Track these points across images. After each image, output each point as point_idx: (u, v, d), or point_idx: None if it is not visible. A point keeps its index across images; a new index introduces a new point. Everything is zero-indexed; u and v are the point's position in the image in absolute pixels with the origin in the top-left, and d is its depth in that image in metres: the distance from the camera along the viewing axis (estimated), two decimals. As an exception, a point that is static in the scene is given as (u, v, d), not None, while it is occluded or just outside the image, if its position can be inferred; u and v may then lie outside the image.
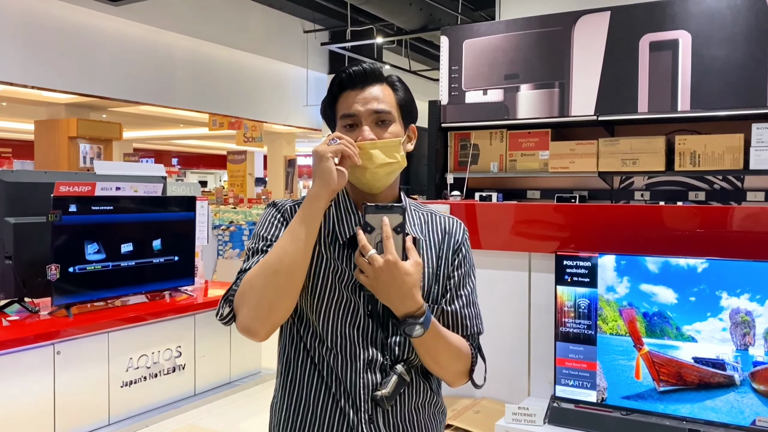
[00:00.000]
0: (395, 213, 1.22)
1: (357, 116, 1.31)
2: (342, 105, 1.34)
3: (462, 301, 1.37)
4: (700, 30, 3.61)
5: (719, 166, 3.61)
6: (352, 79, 1.33)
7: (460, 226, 1.44)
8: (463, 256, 1.40)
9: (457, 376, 1.35)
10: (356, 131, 1.30)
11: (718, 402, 1.88)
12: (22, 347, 2.98)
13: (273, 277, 1.21)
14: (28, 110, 10.96)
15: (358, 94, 1.32)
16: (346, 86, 1.33)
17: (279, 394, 1.37)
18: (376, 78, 1.34)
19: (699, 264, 1.92)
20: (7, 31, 7.83)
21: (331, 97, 1.36)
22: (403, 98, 1.37)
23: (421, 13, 9.04)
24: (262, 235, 1.35)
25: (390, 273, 1.19)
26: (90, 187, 3.41)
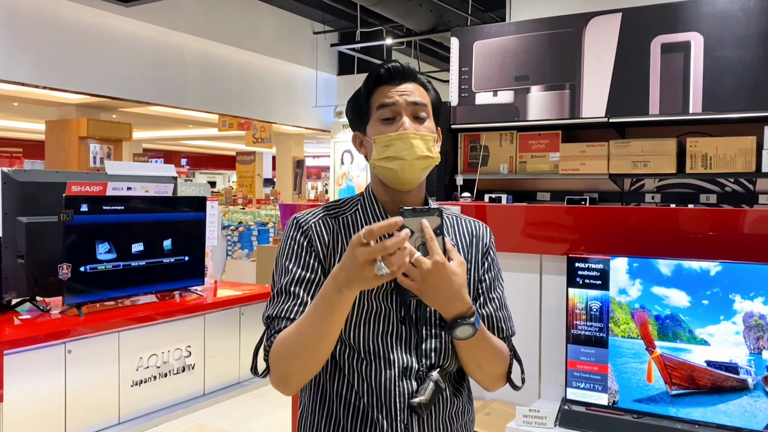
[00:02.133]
0: (433, 215, 1.18)
1: (396, 106, 1.28)
2: (378, 97, 1.30)
3: (495, 304, 1.36)
4: (712, 32, 3.59)
5: (731, 168, 3.59)
6: (390, 74, 1.31)
7: (487, 230, 1.43)
8: (492, 259, 1.39)
9: (496, 379, 1.34)
10: (395, 123, 1.28)
11: (731, 406, 1.87)
12: (34, 346, 3.00)
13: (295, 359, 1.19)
14: (39, 110, 11.03)
15: (395, 87, 1.30)
16: (383, 81, 1.31)
17: (308, 410, 1.34)
18: (412, 76, 1.33)
19: (712, 267, 1.91)
20: (19, 32, 7.88)
21: (366, 91, 1.33)
22: (435, 98, 1.36)
23: (431, 15, 9.03)
24: (286, 266, 1.29)
25: (438, 274, 1.15)
26: (101, 187, 3.43)
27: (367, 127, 1.32)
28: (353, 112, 1.37)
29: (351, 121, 1.39)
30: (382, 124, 1.29)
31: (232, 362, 4.11)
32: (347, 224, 1.33)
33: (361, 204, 1.35)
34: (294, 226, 1.32)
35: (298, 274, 1.27)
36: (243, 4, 10.59)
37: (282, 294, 1.26)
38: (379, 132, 1.28)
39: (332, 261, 1.29)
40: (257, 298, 4.23)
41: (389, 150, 1.26)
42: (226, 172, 26.32)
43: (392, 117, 1.28)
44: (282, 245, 1.32)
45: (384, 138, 1.27)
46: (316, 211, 1.35)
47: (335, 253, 1.30)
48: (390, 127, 1.28)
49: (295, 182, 14.37)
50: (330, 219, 1.33)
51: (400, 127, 1.26)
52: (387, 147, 1.27)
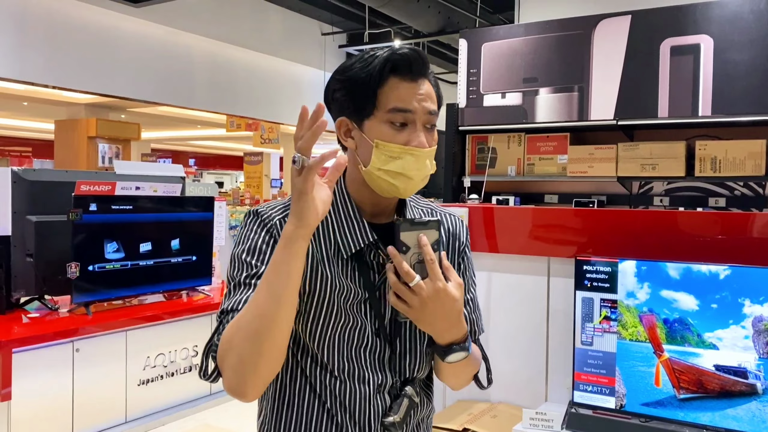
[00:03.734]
0: (431, 229, 1.08)
1: (412, 114, 1.12)
2: (391, 94, 1.12)
3: (470, 306, 1.29)
4: (722, 34, 3.58)
5: (740, 172, 3.57)
6: (409, 66, 1.13)
7: (463, 226, 1.33)
8: (467, 259, 1.31)
9: (466, 383, 1.29)
10: (405, 132, 1.12)
11: (740, 411, 1.86)
12: (42, 344, 3.01)
13: (253, 339, 1.02)
14: (48, 110, 11.09)
15: (413, 88, 1.12)
16: (400, 72, 1.12)
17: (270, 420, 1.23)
18: (427, 71, 1.16)
19: (721, 271, 1.90)
20: (29, 32, 7.93)
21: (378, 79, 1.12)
22: (440, 98, 1.21)
23: (440, 16, 9.03)
24: (245, 260, 1.13)
25: (439, 301, 1.06)
26: (110, 186, 3.44)
27: (366, 121, 1.14)
28: (348, 95, 1.15)
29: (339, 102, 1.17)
30: (391, 129, 1.12)
31: (238, 362, 4.12)
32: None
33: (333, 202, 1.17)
34: (255, 220, 1.17)
35: (258, 268, 1.11)
36: (251, 5, 10.62)
37: (240, 287, 1.11)
38: (387, 137, 1.12)
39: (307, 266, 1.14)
40: (264, 299, 4.23)
41: (395, 164, 1.12)
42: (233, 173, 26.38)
43: (405, 123, 1.13)
44: (240, 239, 1.17)
45: (393, 148, 1.12)
46: (281, 205, 1.18)
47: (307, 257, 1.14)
48: (400, 135, 1.12)
49: (302, 183, 14.36)
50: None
51: (414, 140, 1.12)
52: (393, 159, 1.12)
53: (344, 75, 1.16)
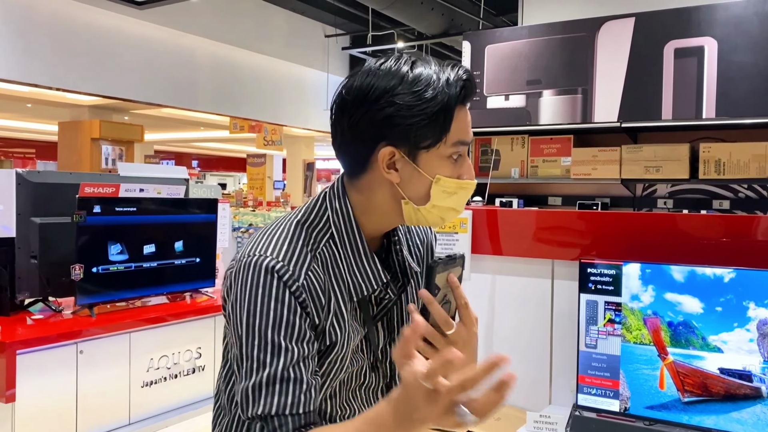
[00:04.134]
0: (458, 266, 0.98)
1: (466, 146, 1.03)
2: (458, 125, 0.99)
3: None
4: (726, 36, 3.57)
5: (744, 174, 3.56)
6: (472, 93, 1.01)
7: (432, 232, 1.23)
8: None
9: None
10: (459, 164, 1.01)
11: (745, 414, 1.85)
12: (46, 346, 3.01)
13: None
14: (52, 112, 11.12)
15: (467, 116, 1.02)
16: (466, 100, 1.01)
17: None
18: None
19: (726, 273, 1.89)
20: (33, 34, 7.95)
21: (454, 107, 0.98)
22: None
23: (443, 18, 9.04)
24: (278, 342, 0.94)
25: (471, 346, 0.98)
26: (114, 188, 3.45)
27: (423, 152, 0.98)
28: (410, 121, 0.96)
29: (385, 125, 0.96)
30: (452, 163, 1.00)
31: (241, 364, 4.12)
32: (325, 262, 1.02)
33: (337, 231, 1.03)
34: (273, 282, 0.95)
35: (298, 354, 0.95)
36: (255, 7, 10.64)
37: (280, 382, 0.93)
38: (449, 173, 1.00)
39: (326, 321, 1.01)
40: (267, 301, 4.23)
41: (452, 199, 1.01)
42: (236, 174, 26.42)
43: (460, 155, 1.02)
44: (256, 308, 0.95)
45: (454, 184, 1.00)
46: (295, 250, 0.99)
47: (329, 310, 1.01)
48: (455, 169, 1.01)
49: (305, 185, 14.41)
50: (316, 266, 1.00)
51: (465, 173, 1.02)
52: (450, 195, 1.01)
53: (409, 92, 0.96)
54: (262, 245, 1.00)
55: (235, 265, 1.02)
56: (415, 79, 0.97)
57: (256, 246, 1.00)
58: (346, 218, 1.03)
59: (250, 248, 1.01)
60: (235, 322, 0.99)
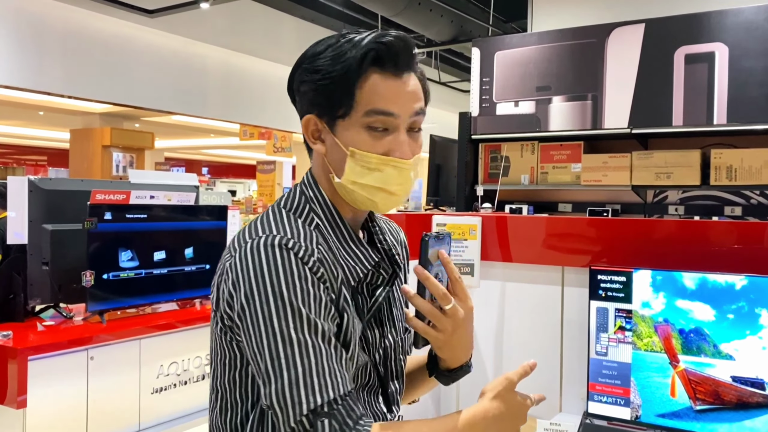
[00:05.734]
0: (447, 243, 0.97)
1: (395, 118, 0.94)
2: (371, 93, 0.93)
3: None
4: (737, 42, 3.56)
5: (756, 180, 3.54)
6: (395, 58, 0.94)
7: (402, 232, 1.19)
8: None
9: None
10: (385, 139, 0.95)
11: (757, 422, 1.83)
12: (57, 352, 3.03)
13: None
14: (63, 119, 11.22)
15: (398, 86, 0.94)
16: (383, 65, 0.94)
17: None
18: (415, 63, 0.99)
19: (737, 280, 1.88)
20: (45, 43, 8.03)
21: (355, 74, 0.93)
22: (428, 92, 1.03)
23: (452, 25, 9.05)
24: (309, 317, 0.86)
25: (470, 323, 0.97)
26: (125, 195, 3.47)
27: (340, 122, 0.95)
28: (318, 90, 0.96)
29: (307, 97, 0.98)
30: (370, 135, 0.94)
31: (251, 371, 4.12)
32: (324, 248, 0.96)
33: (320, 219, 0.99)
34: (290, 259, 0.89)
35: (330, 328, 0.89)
36: (265, 15, 10.69)
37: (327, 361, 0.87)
38: (365, 146, 0.94)
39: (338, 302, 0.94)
40: (277, 307, 4.24)
41: (374, 177, 0.94)
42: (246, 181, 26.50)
43: (386, 128, 0.95)
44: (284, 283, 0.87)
45: (371, 159, 0.94)
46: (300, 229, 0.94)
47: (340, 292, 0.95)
48: (380, 143, 0.94)
49: (314, 191, 14.42)
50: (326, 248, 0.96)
51: (397, 149, 0.95)
52: (371, 171, 0.94)
53: (313, 64, 0.96)
54: (262, 228, 0.93)
55: (236, 252, 0.93)
56: (330, 45, 0.96)
57: (255, 231, 0.93)
58: (323, 204, 1.00)
59: (248, 234, 0.93)
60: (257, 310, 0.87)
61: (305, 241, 0.91)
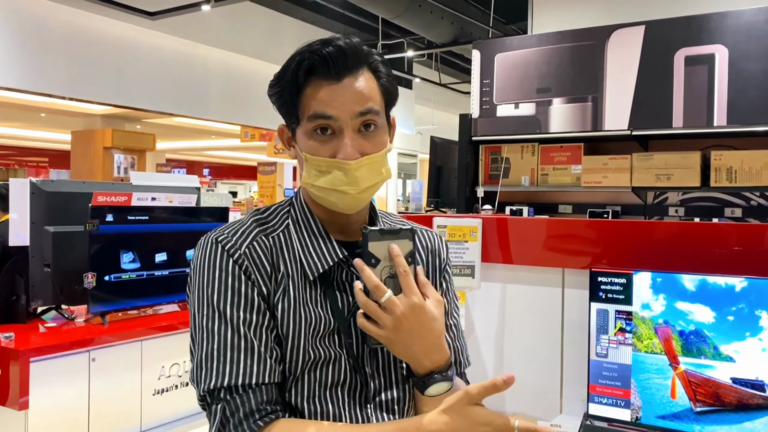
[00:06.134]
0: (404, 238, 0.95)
1: (336, 121, 0.96)
2: (311, 99, 0.97)
3: (453, 332, 1.13)
4: (737, 44, 3.56)
5: (757, 182, 3.54)
6: (327, 65, 0.96)
7: (443, 242, 1.18)
8: (448, 279, 1.16)
9: None
10: (332, 142, 0.97)
11: (757, 424, 1.84)
12: (59, 353, 3.04)
13: None
14: (65, 121, 11.24)
15: (335, 89, 0.96)
16: (318, 73, 0.97)
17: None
18: (358, 62, 0.98)
19: (737, 282, 1.89)
20: (46, 45, 8.04)
21: (294, 85, 0.98)
22: (389, 87, 1.02)
23: (453, 27, 9.06)
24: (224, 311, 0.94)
25: (416, 319, 0.92)
26: (127, 197, 3.48)
27: (297, 130, 1.01)
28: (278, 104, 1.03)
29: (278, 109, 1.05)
30: (316, 139, 0.98)
31: (252, 372, 4.13)
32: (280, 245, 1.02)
33: (293, 219, 1.05)
34: (217, 252, 0.99)
35: (246, 321, 0.95)
36: (266, 18, 10.71)
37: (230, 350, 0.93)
38: (312, 149, 0.98)
39: (274, 296, 0.98)
40: (278, 309, 4.25)
41: (324, 179, 0.98)
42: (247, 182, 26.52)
43: (329, 129, 0.98)
44: (204, 278, 0.97)
45: (318, 162, 0.98)
46: (244, 228, 1.03)
47: (278, 285, 0.99)
48: (326, 146, 0.98)
49: (315, 193, 14.44)
50: (264, 238, 1.02)
51: (340, 151, 0.97)
52: (323, 174, 0.98)
53: (274, 80, 1.03)
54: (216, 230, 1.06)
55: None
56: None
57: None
58: (299, 205, 1.07)
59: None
60: (190, 297, 1.02)
61: (238, 239, 1.00)
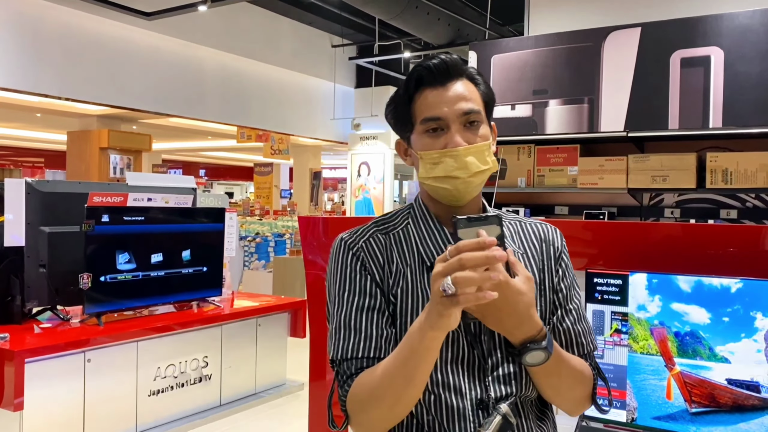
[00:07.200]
0: (492, 224, 1.02)
1: (444, 120, 1.13)
2: (422, 106, 1.15)
3: (573, 316, 1.21)
4: (732, 46, 3.57)
5: (752, 184, 3.55)
6: (433, 74, 1.14)
7: (557, 232, 1.29)
8: (565, 265, 1.25)
9: (578, 403, 1.22)
10: (443, 137, 1.13)
11: (753, 425, 1.84)
12: (54, 354, 3.03)
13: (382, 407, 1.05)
14: (61, 121, 11.20)
15: (441, 94, 1.13)
16: (426, 83, 1.15)
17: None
18: (459, 72, 1.16)
19: (733, 284, 1.89)
20: (43, 45, 8.02)
21: (406, 96, 1.17)
22: (486, 93, 1.20)
23: (449, 29, 9.07)
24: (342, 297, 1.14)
25: (502, 296, 1.00)
26: (122, 197, 3.47)
27: (411, 136, 1.18)
28: (394, 119, 1.21)
29: (393, 127, 1.23)
30: (429, 137, 1.14)
31: (248, 373, 4.13)
32: (399, 240, 1.18)
33: (412, 216, 1.21)
34: (341, 248, 1.18)
35: (357, 304, 1.12)
36: (262, 18, 10.70)
37: (342, 329, 1.12)
38: (426, 146, 1.14)
39: (390, 282, 1.15)
40: (274, 310, 4.25)
41: (439, 168, 1.13)
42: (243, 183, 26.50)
43: (439, 128, 1.14)
44: (331, 272, 1.18)
45: (432, 155, 1.13)
46: (364, 228, 1.21)
47: (392, 273, 1.15)
48: (438, 141, 1.13)
49: (311, 194, 14.43)
50: (381, 235, 1.19)
51: (450, 143, 1.12)
52: (436, 165, 1.13)
53: (389, 100, 1.22)
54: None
55: None
56: None
57: None
58: (418, 205, 1.23)
59: None
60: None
61: (358, 237, 1.18)
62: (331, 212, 14.02)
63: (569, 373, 1.15)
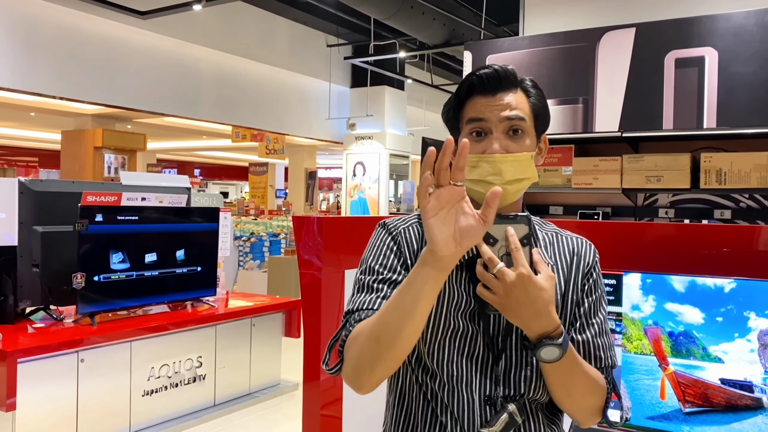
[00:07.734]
0: (520, 223, 1.10)
1: (486, 122, 1.18)
2: (470, 110, 1.21)
3: (594, 329, 1.23)
4: (727, 47, 3.58)
5: (746, 184, 3.56)
6: (483, 83, 1.19)
7: (590, 247, 1.31)
8: (594, 281, 1.27)
9: (590, 413, 1.22)
10: (484, 141, 1.18)
11: (746, 425, 1.85)
12: (47, 354, 3.02)
13: (374, 344, 1.09)
14: (55, 120, 11.16)
15: (488, 101, 1.18)
16: (476, 91, 1.20)
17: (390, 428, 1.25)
18: (510, 83, 1.20)
19: (726, 284, 1.89)
20: (38, 44, 7.99)
21: (457, 101, 1.23)
22: (538, 105, 1.23)
23: (444, 29, 9.07)
24: (371, 266, 1.21)
25: (523, 288, 1.05)
26: (116, 197, 3.46)
27: (459, 139, 1.20)
28: (446, 121, 1.28)
29: (449, 129, 1.30)
30: (472, 140, 1.18)
31: (242, 373, 4.12)
32: None
33: None
34: (383, 229, 1.26)
35: (384, 275, 1.19)
36: (258, 18, 10.68)
37: (363, 290, 1.19)
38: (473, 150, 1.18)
39: None
40: (268, 310, 4.24)
41: (476, 172, 1.17)
42: (238, 183, 26.46)
43: (483, 131, 1.18)
44: (369, 247, 1.25)
45: (471, 158, 1.17)
46: (407, 218, 1.28)
47: None
48: (479, 144, 1.18)
49: (307, 193, 14.42)
50: (419, 227, 1.25)
51: (488, 148, 1.17)
52: (473, 168, 1.17)
53: (446, 104, 1.27)
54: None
55: None
56: None
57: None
58: None
59: None
60: None
61: (398, 224, 1.25)
62: (326, 212, 14.01)
63: (583, 378, 1.16)
